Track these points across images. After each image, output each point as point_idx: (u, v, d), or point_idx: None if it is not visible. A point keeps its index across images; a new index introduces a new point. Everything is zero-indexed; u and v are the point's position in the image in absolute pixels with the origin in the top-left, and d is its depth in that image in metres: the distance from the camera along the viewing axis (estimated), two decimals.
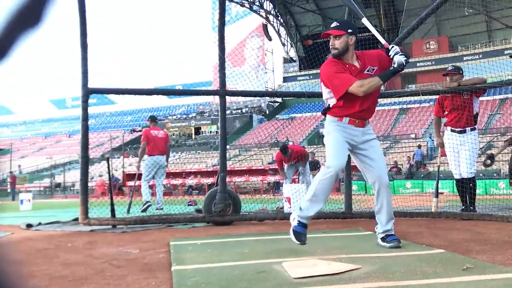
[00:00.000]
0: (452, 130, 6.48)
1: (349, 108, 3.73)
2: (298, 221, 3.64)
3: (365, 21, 4.01)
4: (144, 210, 8.86)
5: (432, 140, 28.87)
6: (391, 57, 3.71)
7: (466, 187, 6.39)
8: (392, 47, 3.74)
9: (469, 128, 6.42)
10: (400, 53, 3.65)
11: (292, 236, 3.59)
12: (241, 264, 3.00)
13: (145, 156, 9.65)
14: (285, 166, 10.54)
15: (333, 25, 3.81)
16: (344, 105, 3.73)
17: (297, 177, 11.18)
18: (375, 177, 3.77)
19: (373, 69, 3.79)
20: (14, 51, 0.49)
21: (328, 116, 3.84)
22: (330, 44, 3.78)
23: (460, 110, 6.43)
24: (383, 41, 3.93)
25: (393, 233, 3.74)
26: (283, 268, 2.79)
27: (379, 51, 3.92)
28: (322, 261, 2.97)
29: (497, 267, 2.69)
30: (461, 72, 6.62)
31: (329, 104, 3.83)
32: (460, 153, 6.39)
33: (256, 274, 2.67)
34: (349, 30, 3.73)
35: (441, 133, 6.94)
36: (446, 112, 6.58)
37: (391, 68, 3.70)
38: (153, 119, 9.91)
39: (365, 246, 3.75)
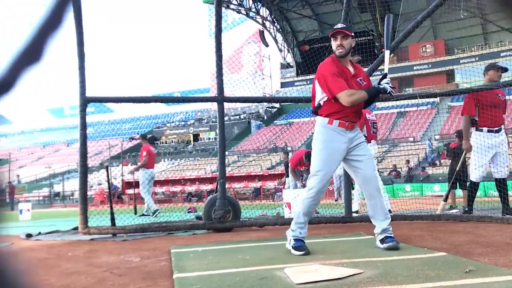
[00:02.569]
0: (489, 131, 6.26)
1: (339, 108, 3.80)
2: (294, 239, 3.79)
3: (387, 53, 4.25)
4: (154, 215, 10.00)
5: (431, 143, 28.87)
6: (379, 82, 3.93)
7: (505, 187, 6.34)
8: (386, 76, 3.97)
9: (502, 127, 6.37)
10: (390, 84, 3.89)
11: (294, 252, 3.67)
12: (243, 271, 2.98)
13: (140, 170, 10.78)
14: (301, 169, 10.49)
15: (341, 25, 3.91)
16: (335, 105, 3.81)
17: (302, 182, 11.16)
18: (365, 180, 3.83)
19: (363, 83, 3.96)
20: (16, 85, 0.52)
21: (318, 117, 3.92)
22: (337, 43, 3.86)
23: (497, 108, 6.30)
24: (386, 70, 4.12)
25: (391, 234, 3.76)
26: (286, 274, 2.78)
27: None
28: (324, 266, 2.96)
29: (499, 270, 2.68)
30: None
31: (320, 103, 3.91)
32: (499, 153, 6.29)
33: (258, 281, 2.65)
34: (353, 34, 3.92)
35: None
36: (479, 112, 6.31)
37: (377, 86, 3.89)
38: (152, 139, 11.51)
39: (367, 250, 3.75)
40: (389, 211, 8.16)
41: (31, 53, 0.49)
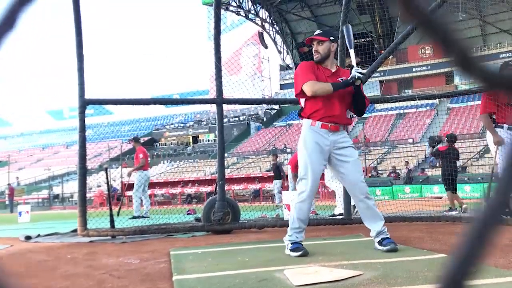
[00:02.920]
0: (509, 128, 6.09)
1: (319, 107, 3.84)
2: (291, 242, 3.79)
3: (352, 52, 4.17)
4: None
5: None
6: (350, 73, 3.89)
7: None
8: (356, 68, 3.87)
9: None
10: (359, 71, 3.82)
11: (292, 254, 3.67)
12: (242, 273, 2.98)
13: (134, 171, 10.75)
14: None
15: (316, 32, 4.02)
16: (313, 104, 3.86)
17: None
18: (352, 184, 3.85)
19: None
20: None
21: (303, 120, 3.96)
22: (313, 50, 3.96)
23: None
24: (354, 63, 4.09)
25: (388, 236, 3.77)
26: (285, 276, 2.78)
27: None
28: (324, 268, 2.96)
29: (499, 271, 2.68)
30: None
31: (301, 106, 3.98)
32: None
33: (258, 283, 2.65)
34: (331, 38, 3.95)
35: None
36: (498, 110, 6.12)
37: (345, 79, 3.86)
38: (136, 140, 11.55)
39: (366, 252, 3.74)
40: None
41: (5, 22, 0.51)
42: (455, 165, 8.87)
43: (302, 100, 3.96)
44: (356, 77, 3.79)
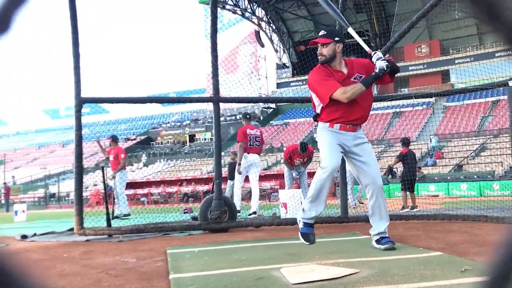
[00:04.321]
0: None
1: (339, 115, 3.81)
2: (304, 222, 3.83)
3: (350, 30, 4.12)
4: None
5: (437, 139, 28.77)
6: (373, 63, 3.78)
7: None
8: (375, 53, 3.81)
9: None
10: (382, 59, 3.71)
11: (301, 238, 3.77)
12: (239, 271, 2.98)
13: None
14: (296, 161, 10.16)
15: (320, 33, 3.92)
16: (333, 112, 3.81)
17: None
18: (368, 180, 3.84)
19: (361, 77, 3.85)
20: None
21: (319, 122, 3.93)
22: (318, 52, 3.89)
23: None
24: (367, 48, 4.01)
25: (386, 234, 3.77)
26: (282, 274, 2.78)
27: (369, 60, 3.97)
28: (320, 266, 2.96)
29: None
30: None
31: (318, 112, 3.92)
32: None
33: (255, 281, 2.65)
34: (336, 38, 3.84)
35: None
36: None
37: (373, 73, 3.75)
38: (115, 139, 11.23)
39: (363, 250, 3.75)
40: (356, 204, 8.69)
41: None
42: (413, 167, 9.87)
43: (318, 107, 3.88)
44: (385, 68, 3.67)
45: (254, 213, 8.11)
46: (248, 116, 9.18)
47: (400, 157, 10.05)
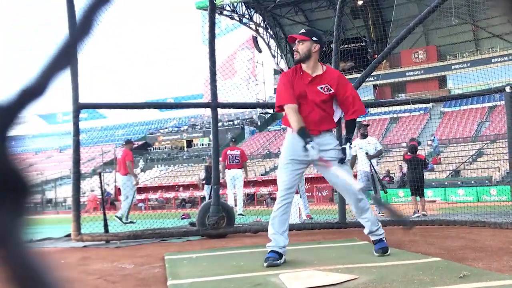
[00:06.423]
0: None
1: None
2: (271, 250, 3.57)
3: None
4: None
5: (437, 144, 28.79)
6: (342, 146, 3.79)
7: None
8: (348, 143, 3.78)
9: None
10: (314, 148, 3.57)
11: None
12: (237, 277, 2.97)
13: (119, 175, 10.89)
14: None
15: (301, 31, 3.92)
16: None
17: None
18: (341, 188, 3.81)
19: (329, 90, 3.78)
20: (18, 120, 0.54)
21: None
22: (293, 49, 3.90)
23: None
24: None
25: (382, 237, 3.74)
26: (280, 280, 2.77)
27: (342, 76, 4.01)
28: (319, 272, 2.95)
29: (493, 274, 2.69)
30: None
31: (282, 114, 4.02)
32: None
33: (253, 287, 2.64)
34: (314, 38, 3.79)
35: None
36: None
37: (308, 139, 3.60)
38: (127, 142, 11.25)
39: (361, 256, 3.75)
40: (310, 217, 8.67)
41: (36, 89, 0.52)
42: (419, 172, 9.69)
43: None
44: (314, 156, 3.56)
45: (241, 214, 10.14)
46: (233, 139, 12.91)
47: (404, 160, 10.34)
